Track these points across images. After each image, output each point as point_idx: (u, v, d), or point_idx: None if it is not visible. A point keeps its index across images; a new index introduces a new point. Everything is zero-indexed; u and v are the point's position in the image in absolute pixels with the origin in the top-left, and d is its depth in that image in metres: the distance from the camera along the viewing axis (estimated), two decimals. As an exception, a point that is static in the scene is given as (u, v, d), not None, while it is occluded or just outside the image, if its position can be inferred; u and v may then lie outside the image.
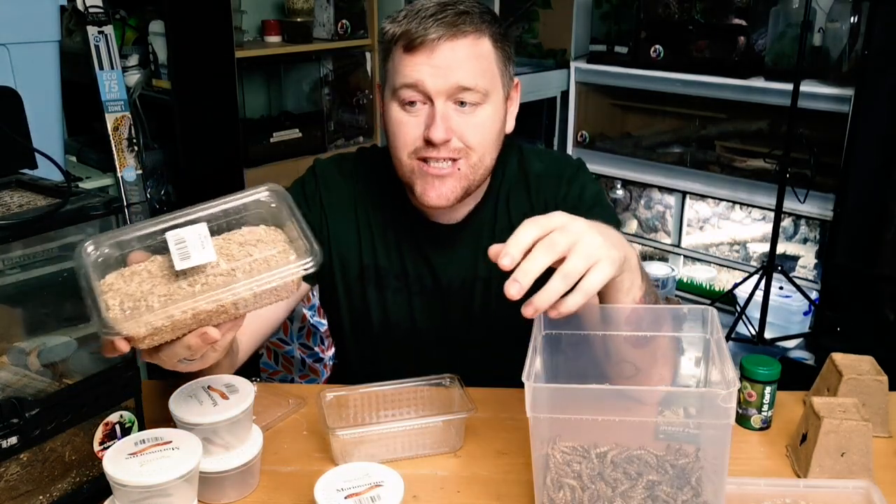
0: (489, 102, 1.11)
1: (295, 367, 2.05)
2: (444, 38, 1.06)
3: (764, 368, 1.10)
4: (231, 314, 0.79)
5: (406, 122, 1.10)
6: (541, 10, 3.41)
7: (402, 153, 1.12)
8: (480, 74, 1.09)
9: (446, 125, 1.08)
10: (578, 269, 0.82)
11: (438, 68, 1.07)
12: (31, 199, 0.91)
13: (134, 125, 2.28)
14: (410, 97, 1.09)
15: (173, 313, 0.73)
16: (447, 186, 1.12)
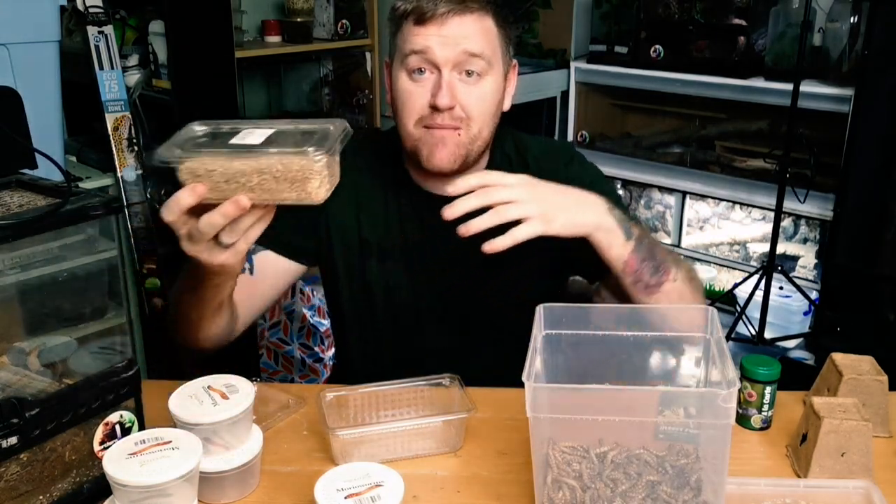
0: (491, 74, 1.19)
1: (295, 367, 2.05)
2: (452, 13, 1.14)
3: (764, 368, 1.10)
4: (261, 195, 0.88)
5: (413, 90, 1.17)
6: (541, 10, 3.41)
7: (409, 122, 1.19)
8: (486, 44, 1.17)
9: (451, 92, 1.15)
10: (510, 215, 1.01)
11: (446, 38, 1.14)
12: (31, 199, 0.91)
13: (134, 125, 2.28)
14: (419, 65, 1.16)
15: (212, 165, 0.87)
16: (449, 149, 1.19)
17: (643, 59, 3.10)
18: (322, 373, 2.07)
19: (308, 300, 2.07)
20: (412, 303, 1.30)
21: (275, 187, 0.88)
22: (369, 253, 1.29)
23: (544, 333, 0.97)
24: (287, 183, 0.88)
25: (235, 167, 0.87)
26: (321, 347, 2.10)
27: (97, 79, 2.22)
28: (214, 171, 0.87)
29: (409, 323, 1.31)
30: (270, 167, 0.87)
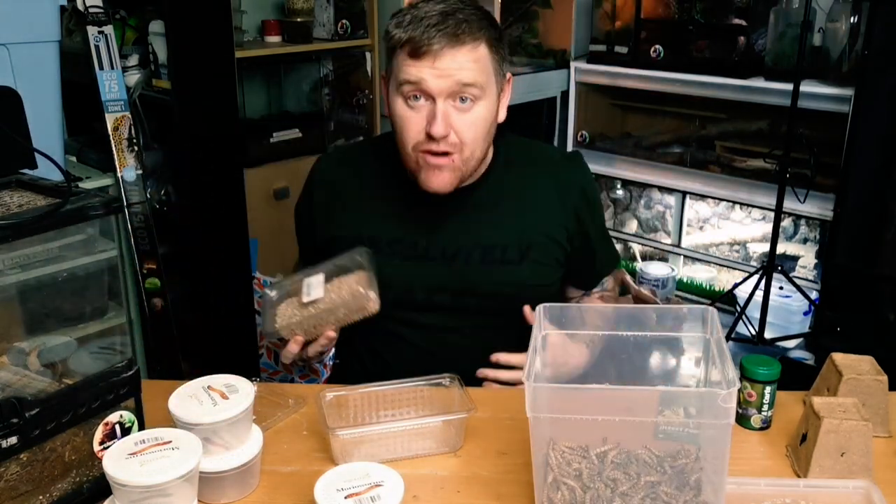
0: (484, 99, 1.21)
1: (295, 367, 2.05)
2: (445, 48, 1.16)
3: (764, 368, 1.10)
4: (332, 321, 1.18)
5: (410, 117, 1.21)
6: (541, 9, 3.41)
7: (408, 146, 1.23)
8: (478, 73, 1.19)
9: (446, 121, 1.19)
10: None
11: (441, 71, 1.17)
12: (31, 199, 0.91)
13: (134, 125, 2.28)
14: (414, 93, 1.20)
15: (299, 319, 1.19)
16: (445, 175, 1.23)
17: (643, 59, 3.10)
18: (322, 373, 2.07)
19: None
20: (411, 299, 1.31)
21: (343, 317, 1.18)
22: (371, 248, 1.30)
23: (544, 333, 0.97)
24: (354, 313, 1.18)
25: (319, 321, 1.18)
26: (321, 347, 2.10)
27: (97, 79, 2.21)
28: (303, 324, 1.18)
29: (408, 319, 1.32)
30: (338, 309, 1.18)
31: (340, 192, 1.36)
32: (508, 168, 1.34)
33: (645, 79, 3.13)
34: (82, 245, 0.94)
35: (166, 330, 2.34)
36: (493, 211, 1.32)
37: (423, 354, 1.30)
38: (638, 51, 3.11)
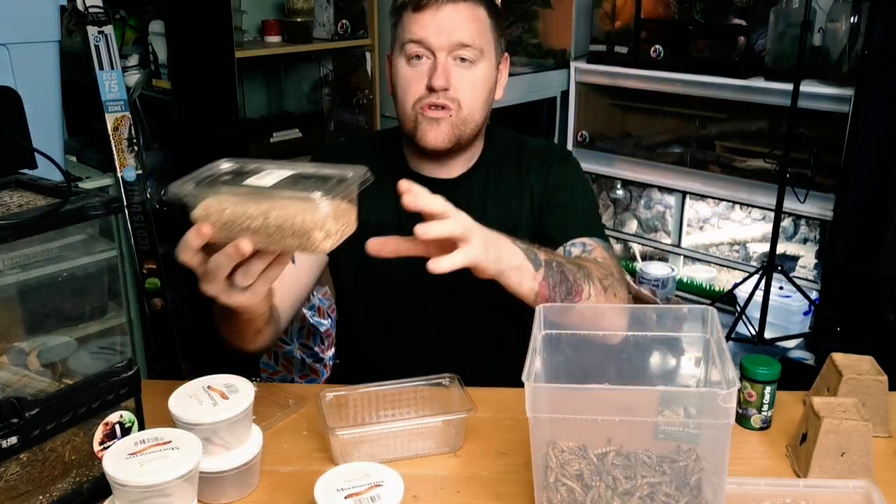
0: (483, 62, 1.26)
1: (295, 367, 2.04)
2: (446, 2, 1.21)
3: (764, 368, 1.10)
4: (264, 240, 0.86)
5: (411, 75, 1.25)
6: (541, 9, 3.40)
7: (408, 105, 1.26)
8: (477, 34, 1.24)
9: (446, 74, 1.23)
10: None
11: (441, 26, 1.22)
12: (31, 199, 0.91)
13: (134, 125, 2.28)
14: (416, 51, 1.24)
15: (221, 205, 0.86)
16: (443, 129, 1.25)
17: (643, 59, 3.10)
18: (322, 373, 2.07)
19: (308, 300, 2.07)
20: (413, 295, 1.31)
21: (277, 234, 0.85)
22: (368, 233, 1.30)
23: (544, 333, 0.97)
24: (290, 231, 0.85)
25: (241, 210, 0.86)
26: (321, 347, 2.10)
27: (97, 79, 2.22)
28: (224, 211, 0.86)
29: (408, 298, 1.33)
30: (277, 213, 0.84)
31: None
32: (497, 159, 1.37)
33: (645, 79, 3.13)
34: (82, 245, 0.94)
35: (166, 330, 2.34)
36: (483, 197, 1.34)
37: (423, 353, 1.30)
38: (638, 51, 3.11)
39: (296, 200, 0.84)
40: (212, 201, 0.87)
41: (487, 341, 1.30)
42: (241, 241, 0.86)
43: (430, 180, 1.31)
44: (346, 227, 0.89)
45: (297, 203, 0.84)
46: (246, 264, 0.90)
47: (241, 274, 0.90)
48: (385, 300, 1.34)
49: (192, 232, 0.88)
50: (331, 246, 0.86)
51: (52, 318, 0.98)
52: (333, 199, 0.85)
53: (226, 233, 0.87)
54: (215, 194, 0.87)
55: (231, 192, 0.87)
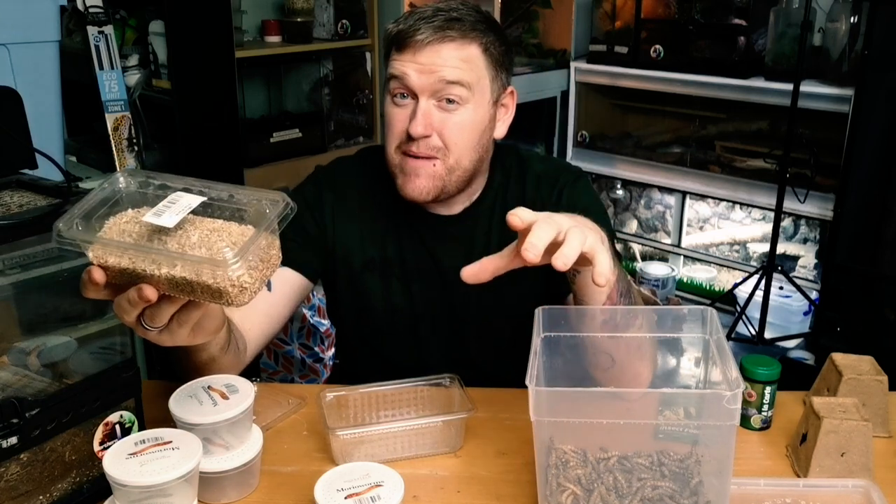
0: (472, 103, 1.16)
1: (295, 367, 2.05)
2: (430, 41, 1.12)
3: (764, 368, 1.10)
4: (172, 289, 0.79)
5: (395, 114, 1.17)
6: (541, 9, 3.41)
7: (391, 146, 1.19)
8: (465, 73, 1.14)
9: (426, 121, 1.14)
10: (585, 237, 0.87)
11: (423, 66, 1.13)
12: (31, 199, 0.91)
13: (134, 125, 2.28)
14: (398, 90, 1.16)
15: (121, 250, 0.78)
16: (422, 181, 1.17)
17: (643, 59, 3.10)
18: (322, 373, 2.07)
19: (308, 300, 2.07)
20: (412, 318, 1.29)
21: (186, 287, 0.78)
22: (369, 269, 1.29)
23: (543, 336, 0.96)
24: (199, 287, 0.77)
25: (141, 260, 0.77)
26: (321, 347, 2.10)
27: (97, 79, 2.21)
28: (122, 259, 0.78)
29: (408, 338, 1.31)
30: (183, 271, 0.76)
31: (344, 202, 1.30)
32: (502, 188, 1.29)
33: (645, 79, 3.13)
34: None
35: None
36: (487, 232, 1.27)
37: (423, 353, 1.30)
38: (638, 51, 3.11)
39: (201, 265, 0.76)
40: (101, 251, 0.78)
41: (486, 355, 1.30)
42: (144, 287, 0.78)
43: (431, 216, 1.27)
44: (267, 268, 0.81)
45: (202, 268, 0.76)
46: (154, 307, 0.81)
47: (148, 317, 0.83)
48: (382, 317, 1.30)
49: (84, 274, 0.80)
50: (249, 298, 0.79)
51: (52, 318, 0.98)
52: (246, 256, 0.76)
53: (126, 278, 0.79)
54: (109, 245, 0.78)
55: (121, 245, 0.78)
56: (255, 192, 0.84)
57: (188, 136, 2.36)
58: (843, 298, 2.76)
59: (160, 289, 0.79)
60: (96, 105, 2.23)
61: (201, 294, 0.78)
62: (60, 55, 1.95)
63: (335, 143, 2.95)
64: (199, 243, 0.78)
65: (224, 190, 0.83)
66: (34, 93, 1.39)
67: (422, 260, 1.28)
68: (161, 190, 0.83)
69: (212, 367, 1.05)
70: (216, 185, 0.84)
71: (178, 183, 0.84)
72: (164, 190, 0.83)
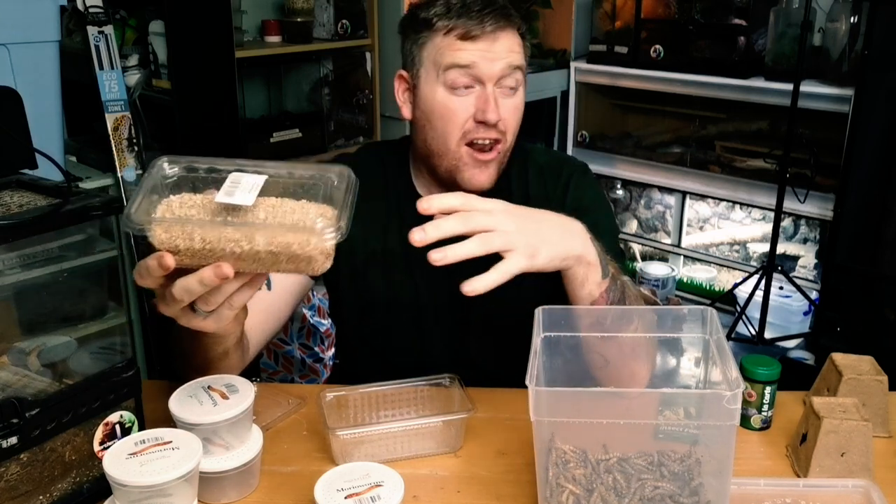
0: (522, 87, 1.20)
1: (295, 367, 2.05)
2: (498, 30, 1.15)
3: (764, 368, 1.10)
4: (249, 265, 0.79)
5: (457, 105, 1.16)
6: (541, 9, 3.41)
7: (452, 139, 1.17)
8: (523, 58, 1.19)
9: (498, 107, 1.16)
10: (494, 245, 0.90)
11: (495, 53, 1.15)
12: (31, 199, 0.91)
13: (134, 125, 2.29)
14: (462, 81, 1.15)
15: (192, 231, 0.76)
16: (490, 171, 1.20)
17: (643, 59, 3.10)
18: (322, 373, 2.07)
19: (308, 300, 2.07)
20: (415, 310, 1.30)
21: (268, 259, 0.78)
22: (373, 264, 1.29)
23: (543, 336, 0.96)
24: (286, 257, 0.78)
25: (220, 233, 0.77)
26: (321, 347, 2.10)
27: (97, 79, 2.22)
28: (194, 236, 0.77)
29: (411, 330, 1.31)
30: (268, 238, 0.77)
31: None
32: (505, 179, 1.29)
33: (645, 79, 3.13)
34: (82, 245, 0.94)
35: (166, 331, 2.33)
36: None
37: (422, 353, 1.30)
38: (638, 51, 3.11)
39: (294, 232, 0.77)
40: (174, 223, 0.77)
41: (489, 350, 1.30)
42: (224, 265, 0.77)
43: None
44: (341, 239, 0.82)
45: (296, 235, 0.77)
46: (215, 289, 0.81)
47: (203, 299, 0.82)
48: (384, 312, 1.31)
49: (152, 261, 0.78)
50: (328, 267, 0.81)
51: (52, 318, 0.98)
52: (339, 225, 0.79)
53: (198, 260, 0.78)
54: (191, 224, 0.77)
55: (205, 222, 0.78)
56: (316, 167, 0.86)
57: (188, 136, 2.36)
58: (843, 298, 2.76)
59: (236, 266, 0.78)
60: (96, 105, 2.23)
61: (286, 264, 0.79)
62: (60, 55, 1.96)
63: (335, 143, 2.95)
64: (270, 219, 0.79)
65: (283, 167, 0.84)
66: (34, 93, 1.40)
67: (426, 251, 1.28)
68: (210, 173, 0.83)
69: (222, 363, 1.06)
70: (265, 163, 0.84)
71: (227, 164, 0.83)
72: (214, 173, 0.83)
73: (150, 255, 0.79)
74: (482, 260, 1.27)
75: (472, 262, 1.26)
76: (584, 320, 1.00)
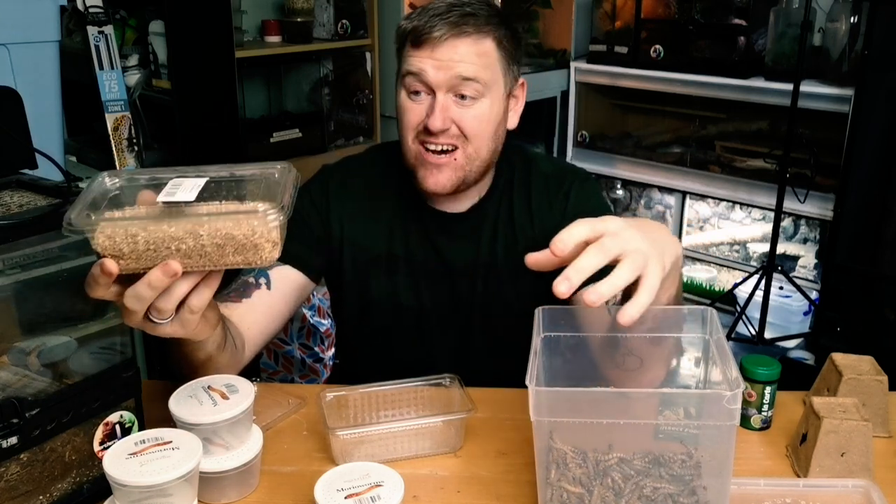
0: (488, 97, 1.18)
1: (295, 367, 2.04)
2: (447, 37, 1.14)
3: (764, 368, 1.10)
4: (197, 261, 0.78)
5: (411, 108, 1.19)
6: (541, 9, 3.41)
7: (408, 137, 1.20)
8: (481, 69, 1.16)
9: (444, 115, 1.16)
10: (639, 266, 0.81)
11: (440, 62, 1.15)
12: (31, 199, 0.91)
13: (134, 125, 2.29)
14: (415, 87, 1.18)
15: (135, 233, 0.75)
16: (444, 175, 1.20)
17: (643, 59, 3.10)
18: (322, 373, 2.07)
19: (308, 300, 2.07)
20: (418, 315, 1.30)
21: (214, 252, 0.77)
22: (376, 267, 1.30)
23: (543, 336, 0.96)
24: (231, 248, 0.76)
25: (163, 232, 0.75)
26: (321, 347, 2.10)
27: (97, 79, 2.22)
28: (137, 238, 0.75)
29: (414, 334, 1.31)
30: (211, 231, 0.75)
31: (352, 200, 1.31)
32: (508, 187, 1.31)
33: (645, 79, 3.13)
34: (82, 245, 0.93)
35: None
36: (493, 230, 1.29)
37: (422, 353, 1.31)
38: (638, 51, 3.11)
39: (236, 216, 0.75)
40: (116, 228, 0.75)
41: (490, 353, 1.30)
42: (171, 262, 0.76)
43: (438, 213, 1.29)
44: (285, 231, 0.81)
45: (238, 219, 0.75)
46: (165, 293, 0.80)
47: (157, 308, 0.81)
48: (387, 315, 1.31)
49: (95, 268, 0.78)
50: (277, 255, 0.79)
51: (52, 318, 0.98)
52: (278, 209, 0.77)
53: (143, 262, 0.77)
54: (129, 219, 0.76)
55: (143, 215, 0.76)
56: (256, 165, 0.85)
57: (188, 136, 2.36)
58: (843, 298, 2.76)
59: (183, 265, 0.77)
60: (96, 105, 2.23)
61: (233, 256, 0.77)
62: (60, 55, 1.95)
63: (335, 143, 2.95)
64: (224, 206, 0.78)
65: (223, 168, 0.84)
66: (34, 93, 1.39)
67: (429, 257, 1.29)
68: (151, 181, 0.83)
69: (210, 366, 1.05)
70: (209, 167, 0.83)
71: (168, 172, 0.83)
72: (154, 181, 0.82)
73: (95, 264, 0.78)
74: (482, 260, 1.28)
75: (483, 263, 1.27)
76: (589, 320, 1.00)
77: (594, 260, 0.81)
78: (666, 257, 0.86)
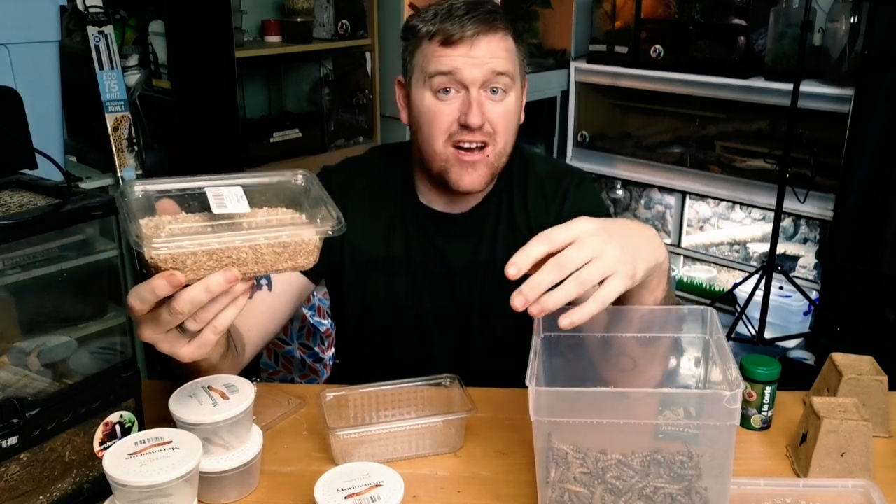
0: (513, 91, 1.21)
1: (295, 367, 2.04)
2: (480, 35, 1.16)
3: (764, 368, 1.10)
4: (252, 268, 0.82)
5: (441, 109, 1.18)
6: (541, 9, 3.41)
7: (437, 141, 1.19)
8: (509, 63, 1.19)
9: (482, 110, 1.17)
10: (594, 278, 0.83)
11: (476, 59, 1.16)
12: (31, 199, 0.91)
13: (134, 125, 2.29)
14: (446, 85, 1.17)
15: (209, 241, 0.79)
16: (478, 172, 1.20)
17: (643, 59, 3.10)
18: (322, 373, 2.07)
19: (308, 300, 2.07)
20: (417, 316, 1.30)
21: (271, 259, 0.82)
22: (376, 268, 1.30)
23: (543, 336, 0.96)
24: (287, 255, 0.83)
25: (226, 244, 0.80)
26: (321, 347, 2.10)
27: (97, 79, 2.22)
28: (199, 249, 0.79)
29: (413, 335, 1.32)
30: (271, 240, 0.81)
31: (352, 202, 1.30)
32: (508, 187, 1.31)
33: (645, 79, 3.13)
34: (82, 245, 0.93)
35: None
36: (494, 231, 1.29)
37: (422, 353, 1.31)
38: (638, 51, 3.12)
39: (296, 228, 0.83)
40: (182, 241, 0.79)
41: (490, 355, 1.30)
42: (231, 269, 0.80)
43: (438, 214, 1.29)
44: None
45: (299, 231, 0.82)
46: (202, 308, 0.82)
47: (193, 318, 0.83)
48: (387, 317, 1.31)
49: (158, 281, 0.79)
50: (313, 259, 0.85)
51: (52, 318, 0.98)
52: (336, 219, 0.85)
53: (202, 273, 0.80)
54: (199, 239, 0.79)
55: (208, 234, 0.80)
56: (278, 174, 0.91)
57: (188, 136, 2.36)
58: (843, 298, 2.76)
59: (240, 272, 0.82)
60: (96, 105, 2.23)
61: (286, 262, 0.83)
62: (60, 55, 1.96)
63: (335, 143, 2.95)
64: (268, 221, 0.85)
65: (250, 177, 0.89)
66: (34, 93, 1.40)
67: (429, 258, 1.29)
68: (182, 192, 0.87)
69: (211, 373, 1.05)
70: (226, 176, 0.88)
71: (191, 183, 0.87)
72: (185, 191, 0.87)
73: (154, 276, 0.80)
74: (482, 260, 1.28)
75: (483, 264, 1.27)
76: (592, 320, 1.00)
77: (550, 276, 0.82)
78: (640, 262, 0.87)
